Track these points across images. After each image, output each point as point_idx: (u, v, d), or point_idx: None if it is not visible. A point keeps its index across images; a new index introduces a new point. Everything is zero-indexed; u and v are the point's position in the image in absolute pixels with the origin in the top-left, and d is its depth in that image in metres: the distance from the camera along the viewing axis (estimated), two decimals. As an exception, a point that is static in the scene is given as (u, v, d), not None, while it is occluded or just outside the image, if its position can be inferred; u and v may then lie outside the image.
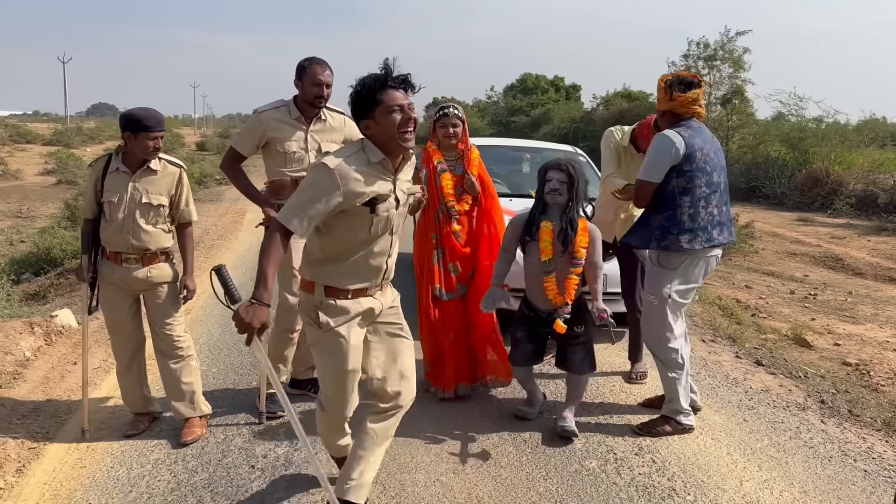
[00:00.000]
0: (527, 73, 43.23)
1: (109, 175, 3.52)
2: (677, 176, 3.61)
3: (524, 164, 7.55)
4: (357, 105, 2.57)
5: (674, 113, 3.70)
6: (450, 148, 4.20)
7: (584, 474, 3.41)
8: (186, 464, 3.41)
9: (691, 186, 3.61)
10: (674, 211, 3.62)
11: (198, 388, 3.76)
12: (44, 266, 9.06)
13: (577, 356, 3.83)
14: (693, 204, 3.62)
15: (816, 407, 4.42)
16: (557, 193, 3.70)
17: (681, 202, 3.61)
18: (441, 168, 4.17)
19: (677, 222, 3.62)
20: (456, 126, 4.13)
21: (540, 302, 3.84)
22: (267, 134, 3.82)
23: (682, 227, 3.61)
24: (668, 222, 3.63)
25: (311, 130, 3.89)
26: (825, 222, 13.65)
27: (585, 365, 3.84)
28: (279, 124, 3.83)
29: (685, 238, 3.61)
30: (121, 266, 3.55)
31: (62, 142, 36.78)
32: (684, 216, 3.61)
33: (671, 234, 3.62)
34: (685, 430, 3.88)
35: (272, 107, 3.87)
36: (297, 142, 3.85)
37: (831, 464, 3.64)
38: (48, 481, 3.25)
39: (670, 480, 3.38)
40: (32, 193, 18.14)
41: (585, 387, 3.98)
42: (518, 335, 3.95)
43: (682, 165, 3.59)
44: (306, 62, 3.79)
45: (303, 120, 3.87)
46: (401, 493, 3.19)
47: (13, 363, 4.54)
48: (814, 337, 6.00)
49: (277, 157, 3.85)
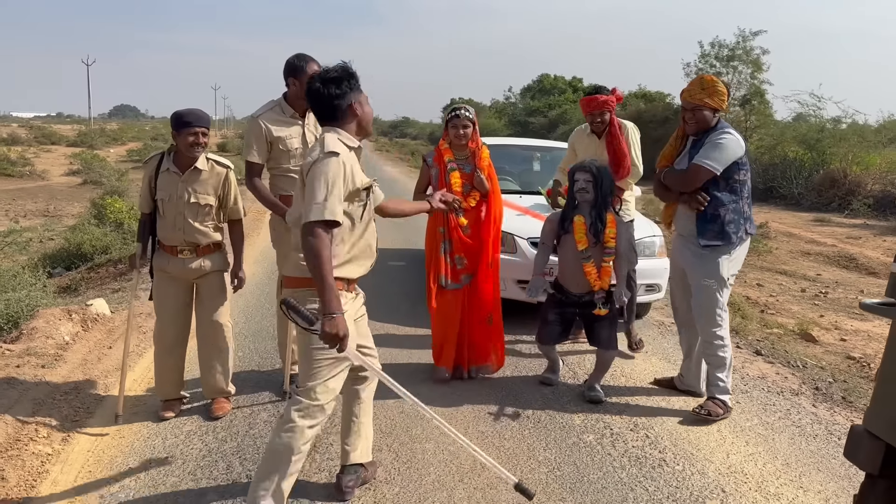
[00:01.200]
0: (544, 73, 43.35)
1: (161, 174, 3.77)
2: (739, 170, 3.95)
3: (534, 162, 7.81)
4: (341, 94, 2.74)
5: (718, 111, 4.00)
6: (460, 147, 4.46)
7: (581, 446, 3.69)
8: (216, 434, 3.73)
9: (746, 179, 4.01)
10: (738, 203, 3.98)
11: (230, 372, 4.06)
12: (75, 261, 9.44)
13: (605, 333, 4.29)
14: (749, 194, 4.05)
15: (810, 393, 4.63)
16: (584, 192, 4.20)
17: (742, 193, 3.99)
18: (451, 166, 4.44)
19: (742, 212, 4.00)
20: (466, 127, 4.37)
21: (573, 286, 4.31)
22: (271, 135, 3.97)
23: (745, 216, 4.02)
24: (737, 214, 3.98)
25: (306, 124, 4.07)
26: (842, 223, 13.72)
27: (613, 341, 4.33)
28: (278, 124, 3.99)
29: (748, 225, 4.05)
30: (176, 257, 3.82)
31: (86, 143, 37.54)
32: (745, 206, 4.02)
33: (741, 225, 4.00)
34: (728, 412, 4.10)
35: (267, 109, 4.02)
36: (297, 138, 4.03)
37: (815, 441, 3.87)
38: (91, 448, 3.57)
39: (661, 453, 3.64)
40: (59, 193, 18.66)
41: (612, 361, 4.44)
42: (549, 317, 4.41)
43: (741, 159, 3.94)
44: (302, 61, 3.90)
45: (297, 116, 4.04)
46: (412, 459, 3.49)
47: (54, 346, 4.88)
48: (820, 332, 6.16)
49: (281, 155, 4.02)
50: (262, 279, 6.98)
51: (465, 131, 4.37)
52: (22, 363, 4.48)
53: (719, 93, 3.93)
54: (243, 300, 6.40)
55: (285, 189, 4.06)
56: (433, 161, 4.54)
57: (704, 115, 3.95)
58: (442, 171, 4.47)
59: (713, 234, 3.98)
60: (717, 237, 3.98)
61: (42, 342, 4.88)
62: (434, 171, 4.52)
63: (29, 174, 22.82)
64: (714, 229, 3.98)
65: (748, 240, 4.12)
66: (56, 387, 4.24)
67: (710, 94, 3.92)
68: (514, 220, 5.80)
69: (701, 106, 3.93)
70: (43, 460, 3.41)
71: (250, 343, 5.27)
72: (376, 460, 3.41)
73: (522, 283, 5.43)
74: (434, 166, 4.52)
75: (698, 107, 3.94)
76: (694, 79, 4.12)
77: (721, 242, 3.98)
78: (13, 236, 9.89)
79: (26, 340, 4.91)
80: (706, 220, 4.00)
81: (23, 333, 5.07)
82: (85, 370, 4.60)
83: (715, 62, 22.59)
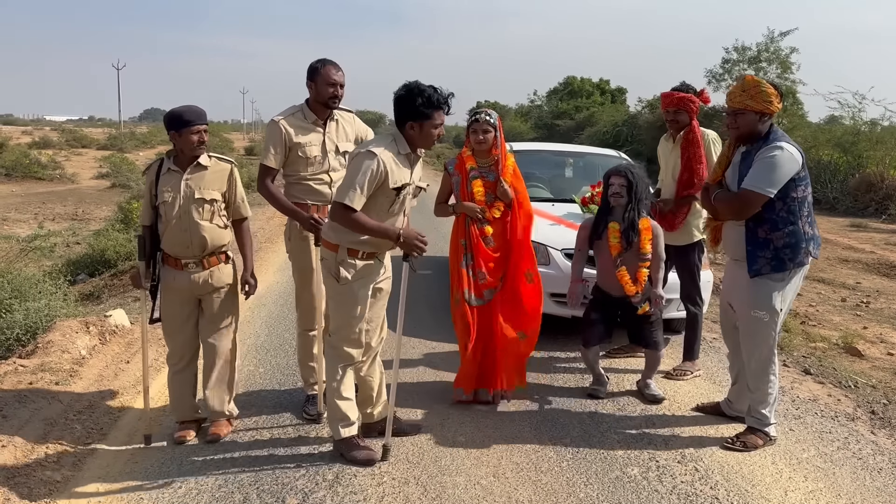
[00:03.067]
0: (570, 76, 42.92)
1: (162, 177, 3.62)
2: (795, 186, 3.55)
3: (567, 168, 7.53)
4: (410, 109, 3.28)
5: (771, 116, 3.62)
6: (483, 154, 4.20)
7: (626, 481, 3.40)
8: (234, 461, 3.51)
9: (806, 195, 3.59)
10: (796, 224, 3.56)
11: (233, 392, 3.85)
12: (98, 267, 9.37)
13: (650, 334, 4.38)
14: (810, 211, 3.62)
15: (867, 417, 4.32)
16: (619, 196, 4.21)
17: (801, 212, 3.57)
18: (473, 175, 4.20)
19: (803, 234, 3.57)
20: (487, 132, 4.11)
21: (613, 290, 4.35)
22: (291, 140, 3.84)
23: (807, 237, 3.59)
24: (795, 237, 3.57)
25: (327, 132, 3.95)
26: (879, 228, 13.29)
27: (660, 341, 4.43)
28: (299, 130, 3.87)
29: (811, 246, 3.62)
30: (182, 271, 3.63)
31: (116, 146, 37.95)
32: (806, 226, 3.59)
33: (801, 248, 3.58)
34: (772, 442, 3.83)
35: (288, 113, 3.91)
36: (316, 146, 3.90)
37: (881, 476, 3.56)
38: (102, 476, 3.37)
39: (713, 489, 3.35)
40: (87, 197, 18.76)
41: (660, 361, 4.53)
42: (592, 317, 4.45)
43: (799, 174, 3.55)
44: (319, 63, 3.84)
45: (319, 123, 3.92)
46: (441, 494, 3.23)
47: (70, 361, 4.71)
48: (865, 346, 5.86)
49: (298, 161, 3.88)
50: (287, 288, 6.64)
51: (486, 136, 4.11)
52: (35, 380, 4.32)
53: (764, 94, 3.54)
54: (266, 311, 6.22)
55: (300, 197, 3.90)
56: (454, 169, 4.31)
57: (748, 119, 3.59)
58: (464, 179, 4.24)
59: (765, 261, 3.60)
60: (769, 265, 3.60)
61: (57, 356, 4.72)
62: (456, 179, 4.29)
63: (59, 177, 23.02)
64: (766, 255, 3.59)
65: (808, 264, 3.71)
66: (69, 405, 4.08)
67: (751, 95, 3.57)
68: (546, 229, 5.54)
69: (743, 110, 3.59)
70: (51, 488, 3.23)
71: (272, 358, 5.06)
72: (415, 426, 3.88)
73: (556, 297, 5.17)
74: (456, 174, 4.29)
75: (740, 111, 3.60)
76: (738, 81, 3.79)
77: (773, 272, 3.60)
78: (38, 241, 9.85)
79: (41, 355, 4.75)
80: (757, 244, 3.61)
81: (38, 347, 4.92)
82: (100, 387, 4.43)
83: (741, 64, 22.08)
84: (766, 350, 3.75)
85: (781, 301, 3.66)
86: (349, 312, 3.43)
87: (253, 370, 4.76)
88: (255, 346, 5.30)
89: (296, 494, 3.20)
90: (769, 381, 3.77)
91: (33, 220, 14.36)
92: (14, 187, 20.31)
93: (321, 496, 3.18)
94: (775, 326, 3.71)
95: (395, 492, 3.24)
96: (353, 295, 3.42)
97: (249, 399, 4.27)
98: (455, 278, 4.27)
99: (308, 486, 3.28)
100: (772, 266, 3.60)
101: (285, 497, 3.17)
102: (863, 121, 18.05)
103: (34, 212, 15.59)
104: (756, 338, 3.75)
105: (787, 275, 3.63)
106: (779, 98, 3.59)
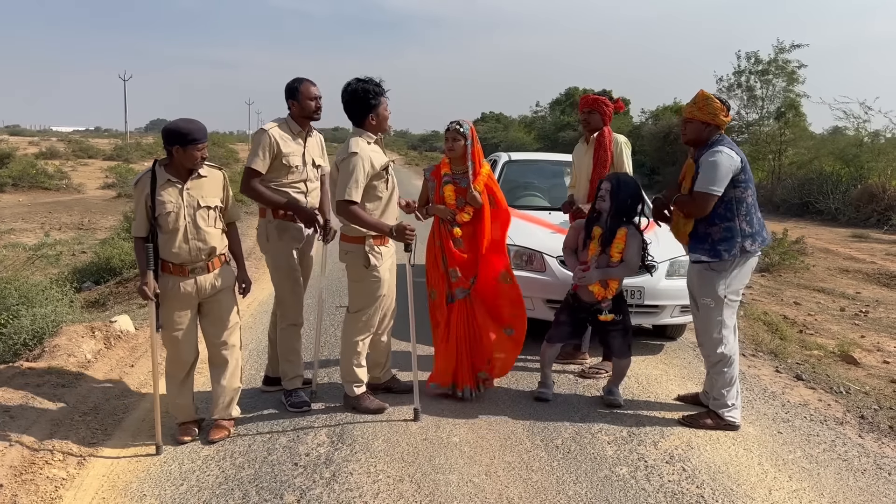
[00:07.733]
0: (573, 87, 43.03)
1: (160, 188, 3.61)
2: (734, 187, 3.95)
3: (565, 178, 7.62)
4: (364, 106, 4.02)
5: (718, 127, 4.04)
6: (457, 161, 4.43)
7: (614, 480, 3.50)
8: (234, 460, 3.61)
9: (745, 196, 3.99)
10: (732, 221, 3.98)
11: (237, 394, 3.96)
12: (104, 275, 9.48)
13: (617, 342, 4.42)
14: (748, 211, 4.00)
15: (855, 422, 4.39)
16: (602, 200, 4.32)
17: (738, 211, 3.98)
18: (446, 179, 4.44)
19: (739, 230, 3.98)
20: (457, 140, 4.36)
21: (585, 295, 4.41)
22: (278, 149, 4.10)
23: (744, 234, 3.99)
24: (731, 233, 3.98)
25: (306, 146, 4.27)
26: (881, 239, 13.35)
27: (625, 349, 4.42)
28: (285, 140, 4.16)
29: (748, 242, 3.99)
30: (186, 277, 3.70)
31: (122, 157, 38.07)
32: (743, 223, 3.99)
33: (736, 242, 3.97)
34: (729, 427, 4.11)
35: (276, 124, 4.19)
36: (298, 156, 4.20)
37: (864, 476, 3.64)
38: (106, 473, 3.48)
39: (699, 488, 3.43)
40: (93, 206, 18.89)
41: (627, 368, 4.50)
42: (561, 318, 4.54)
43: (737, 176, 3.94)
44: (296, 83, 4.18)
45: (301, 135, 4.24)
46: (434, 491, 3.33)
47: (76, 364, 4.82)
48: (862, 354, 5.92)
49: (281, 168, 4.14)
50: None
51: (456, 144, 4.37)
52: (42, 382, 4.42)
53: (710, 107, 3.98)
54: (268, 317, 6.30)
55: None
56: (430, 175, 4.59)
57: (694, 127, 4.05)
58: (438, 184, 4.49)
59: (703, 251, 4.03)
60: (707, 254, 4.01)
61: (64, 360, 4.83)
62: (431, 184, 4.57)
63: (66, 187, 23.17)
64: (704, 247, 4.03)
65: (753, 257, 4.08)
66: (75, 406, 4.17)
67: (700, 108, 4.02)
68: (543, 237, 5.65)
69: (691, 119, 4.07)
70: (57, 485, 3.32)
71: (273, 362, 5.15)
72: None
73: (551, 303, 5.26)
74: (431, 179, 4.57)
75: (689, 120, 4.09)
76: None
77: (709, 259, 4.01)
78: (44, 250, 9.97)
79: (48, 358, 4.86)
80: (698, 237, 4.07)
81: (45, 351, 5.03)
82: (105, 390, 4.53)
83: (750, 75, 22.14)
84: (715, 332, 4.07)
85: (725, 288, 4.03)
86: (376, 293, 4.11)
87: (254, 374, 4.86)
88: (258, 350, 5.39)
89: (294, 491, 3.30)
90: (726, 363, 4.08)
91: (40, 229, 14.49)
92: (21, 197, 20.48)
93: (318, 493, 3.28)
94: (722, 312, 4.07)
95: (390, 489, 3.34)
96: (379, 277, 4.07)
97: (249, 399, 4.37)
98: (430, 276, 4.53)
99: (305, 483, 3.38)
100: (709, 255, 4.01)
101: (283, 494, 3.27)
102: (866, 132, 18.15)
103: (41, 221, 15.73)
104: (707, 323, 4.13)
105: (727, 265, 4.01)
106: (725, 112, 4.01)
